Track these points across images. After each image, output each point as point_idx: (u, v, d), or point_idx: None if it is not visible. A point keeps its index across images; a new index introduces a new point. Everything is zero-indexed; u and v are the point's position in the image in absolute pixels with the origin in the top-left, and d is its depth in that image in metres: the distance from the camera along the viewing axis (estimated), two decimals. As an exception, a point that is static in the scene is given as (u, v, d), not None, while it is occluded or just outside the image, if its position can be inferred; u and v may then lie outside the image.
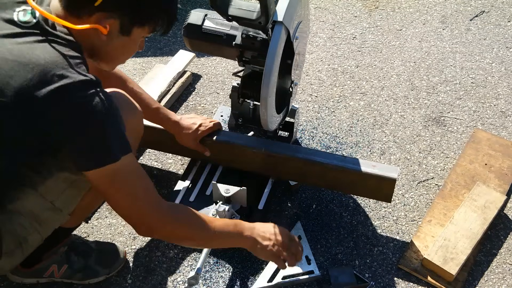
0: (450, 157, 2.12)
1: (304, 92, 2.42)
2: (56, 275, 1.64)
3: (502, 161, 2.04)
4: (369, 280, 1.72)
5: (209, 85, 2.45)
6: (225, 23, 1.70)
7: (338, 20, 2.84)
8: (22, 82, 1.13)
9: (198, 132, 1.82)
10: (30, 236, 1.38)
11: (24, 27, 1.20)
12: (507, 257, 1.80)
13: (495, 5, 2.92)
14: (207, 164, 1.96)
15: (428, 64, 2.56)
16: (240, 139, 1.87)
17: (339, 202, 1.96)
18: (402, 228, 1.88)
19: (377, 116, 2.30)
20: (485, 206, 1.84)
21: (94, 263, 1.67)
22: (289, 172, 1.87)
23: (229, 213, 1.73)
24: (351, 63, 2.58)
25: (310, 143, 2.18)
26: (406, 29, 2.78)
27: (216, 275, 1.74)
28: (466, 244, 1.74)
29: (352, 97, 2.39)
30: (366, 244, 1.83)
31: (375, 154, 2.14)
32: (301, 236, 1.79)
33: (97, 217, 1.90)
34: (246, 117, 1.96)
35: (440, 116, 2.30)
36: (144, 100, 1.74)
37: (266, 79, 1.60)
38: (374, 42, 2.69)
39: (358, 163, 1.76)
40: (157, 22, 1.32)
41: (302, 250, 1.58)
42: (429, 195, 1.99)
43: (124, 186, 1.28)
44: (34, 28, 1.20)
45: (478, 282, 1.73)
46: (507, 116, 2.30)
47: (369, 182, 1.76)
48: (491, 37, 2.71)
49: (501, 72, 2.52)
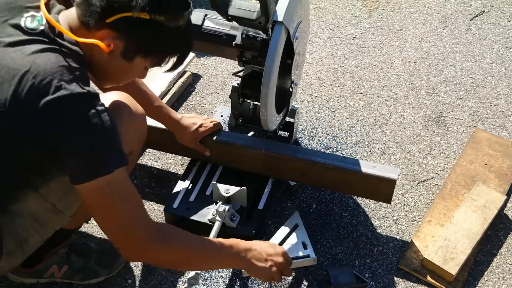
0: (450, 157, 2.12)
1: (304, 92, 2.42)
2: (56, 276, 1.64)
3: (502, 161, 2.04)
4: (369, 280, 1.72)
5: (209, 85, 2.45)
6: (225, 23, 1.70)
7: (338, 20, 2.84)
8: (21, 92, 1.14)
9: (198, 132, 1.82)
10: (31, 237, 1.38)
11: (30, 34, 1.19)
12: (507, 257, 1.80)
13: (495, 5, 2.91)
14: (207, 164, 1.96)
15: (428, 64, 2.56)
16: (240, 139, 1.87)
17: (339, 202, 1.96)
18: (402, 228, 1.88)
19: (377, 116, 2.30)
20: (485, 206, 1.84)
21: (94, 264, 1.67)
22: (289, 172, 1.87)
23: (229, 213, 1.73)
24: (351, 63, 2.58)
25: (310, 143, 2.18)
26: (406, 29, 2.78)
27: (216, 275, 1.74)
28: (466, 244, 1.74)
29: (352, 97, 2.39)
30: (366, 244, 1.83)
31: (375, 154, 2.14)
32: (298, 225, 1.78)
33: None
34: (246, 117, 1.96)
35: (440, 116, 2.30)
36: (147, 97, 1.74)
37: (266, 79, 1.60)
38: (374, 42, 2.69)
39: (358, 164, 1.76)
40: (163, 59, 1.32)
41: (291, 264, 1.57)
42: (429, 195, 1.99)
43: (114, 201, 1.24)
44: (40, 35, 1.20)
45: (478, 282, 1.73)
46: (507, 116, 2.30)
47: (369, 183, 1.76)
48: (491, 37, 2.71)
49: (501, 72, 2.52)
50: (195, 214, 1.80)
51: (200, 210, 1.81)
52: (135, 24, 1.20)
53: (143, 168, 2.08)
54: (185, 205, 1.83)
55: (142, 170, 2.07)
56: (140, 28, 1.22)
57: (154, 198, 1.97)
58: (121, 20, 1.20)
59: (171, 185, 1.97)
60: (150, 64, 1.32)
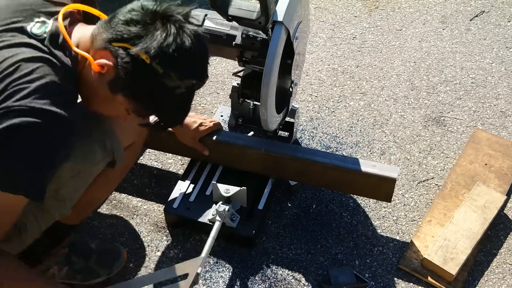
0: (450, 157, 2.12)
1: (304, 92, 2.42)
2: (57, 276, 1.64)
3: (502, 161, 2.04)
4: (369, 280, 1.72)
5: (209, 85, 2.45)
6: (225, 23, 1.70)
7: (338, 20, 2.84)
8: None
9: (198, 131, 1.82)
10: (30, 225, 1.38)
11: (34, 39, 1.18)
12: (507, 257, 1.80)
13: (495, 5, 2.91)
14: (207, 164, 1.96)
15: (428, 64, 2.56)
16: (240, 139, 1.87)
17: (339, 202, 1.96)
18: (402, 228, 1.88)
19: (377, 116, 2.30)
20: (485, 206, 1.84)
21: (95, 264, 1.67)
22: (289, 172, 1.87)
23: (229, 213, 1.73)
24: (351, 63, 2.58)
25: (310, 143, 2.18)
26: (406, 29, 2.78)
27: (216, 275, 1.74)
28: (466, 244, 1.74)
29: (352, 97, 2.39)
30: (366, 244, 1.83)
31: (375, 154, 2.14)
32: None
33: (97, 217, 1.90)
34: (246, 117, 1.96)
35: (440, 116, 2.30)
36: None
37: (266, 79, 1.60)
38: (374, 42, 2.69)
39: (358, 163, 1.76)
40: (144, 112, 1.25)
41: None
42: (429, 195, 1.99)
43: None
44: (42, 42, 1.18)
45: (478, 282, 1.73)
46: (507, 116, 2.30)
47: (369, 182, 1.76)
48: (491, 37, 2.71)
49: (501, 72, 2.52)
50: (195, 214, 1.80)
51: (200, 210, 1.81)
52: (133, 61, 1.15)
53: (143, 168, 2.08)
54: (185, 205, 1.84)
55: (142, 170, 2.07)
56: (135, 67, 1.15)
57: (154, 198, 1.97)
58: (123, 50, 1.15)
59: (171, 185, 1.97)
60: (131, 109, 1.24)
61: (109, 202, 1.95)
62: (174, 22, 1.16)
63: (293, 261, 1.78)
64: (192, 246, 1.82)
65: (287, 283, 1.72)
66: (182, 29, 1.16)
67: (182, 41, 1.15)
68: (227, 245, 1.82)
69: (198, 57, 1.21)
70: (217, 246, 1.80)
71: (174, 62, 1.15)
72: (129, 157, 1.63)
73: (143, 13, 1.16)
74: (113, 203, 1.95)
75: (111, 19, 1.19)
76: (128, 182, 2.01)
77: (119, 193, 1.98)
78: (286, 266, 1.77)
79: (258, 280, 1.73)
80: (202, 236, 1.81)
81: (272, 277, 1.74)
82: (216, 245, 1.79)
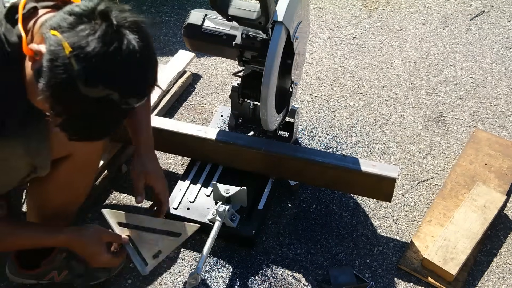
0: (450, 157, 2.12)
1: (304, 92, 2.42)
2: (56, 279, 1.64)
3: (502, 161, 2.04)
4: (369, 280, 1.72)
5: (209, 85, 2.45)
6: (225, 23, 1.70)
7: (338, 20, 2.84)
8: None
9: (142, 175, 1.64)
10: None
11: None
12: (507, 257, 1.80)
13: (495, 5, 2.91)
14: (207, 164, 1.96)
15: (428, 64, 2.56)
16: (240, 139, 1.87)
17: (339, 202, 1.96)
18: (402, 228, 1.88)
19: (377, 116, 2.30)
20: (485, 206, 1.84)
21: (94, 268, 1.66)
22: (289, 172, 1.87)
23: (229, 213, 1.73)
24: (351, 63, 2.58)
25: (310, 143, 2.18)
26: (406, 29, 2.78)
27: (216, 275, 1.74)
28: (466, 244, 1.74)
29: (352, 97, 2.39)
30: (366, 244, 1.83)
31: (375, 154, 2.14)
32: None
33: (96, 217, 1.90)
34: (246, 117, 1.96)
35: (440, 116, 2.30)
36: (134, 126, 1.64)
37: (266, 79, 1.60)
38: (374, 42, 2.69)
39: (358, 163, 1.76)
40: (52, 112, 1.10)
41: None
42: (429, 195, 1.99)
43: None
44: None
45: (478, 282, 1.73)
46: (507, 116, 2.30)
47: (369, 182, 1.76)
48: (491, 37, 2.71)
49: (501, 72, 2.52)
50: (195, 214, 1.80)
51: (200, 210, 1.81)
52: (56, 49, 1.04)
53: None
54: (185, 205, 1.84)
55: (142, 170, 2.07)
56: (55, 55, 1.04)
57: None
58: (55, 38, 1.05)
59: (171, 185, 1.97)
60: (47, 105, 1.10)
61: (109, 202, 1.95)
62: (111, 25, 1.06)
63: (293, 261, 1.78)
64: (192, 246, 1.82)
65: (287, 283, 1.72)
66: (118, 34, 1.06)
67: (110, 44, 1.04)
68: (227, 245, 1.82)
69: (127, 67, 1.07)
70: (217, 246, 1.80)
71: (91, 63, 1.03)
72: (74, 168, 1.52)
73: (87, 7, 1.07)
74: (113, 203, 1.95)
75: (63, 7, 1.12)
76: (128, 182, 2.01)
77: (119, 193, 1.98)
78: (286, 266, 1.77)
79: (258, 280, 1.73)
80: (202, 236, 1.81)
81: (272, 277, 1.74)
82: (216, 245, 1.79)
